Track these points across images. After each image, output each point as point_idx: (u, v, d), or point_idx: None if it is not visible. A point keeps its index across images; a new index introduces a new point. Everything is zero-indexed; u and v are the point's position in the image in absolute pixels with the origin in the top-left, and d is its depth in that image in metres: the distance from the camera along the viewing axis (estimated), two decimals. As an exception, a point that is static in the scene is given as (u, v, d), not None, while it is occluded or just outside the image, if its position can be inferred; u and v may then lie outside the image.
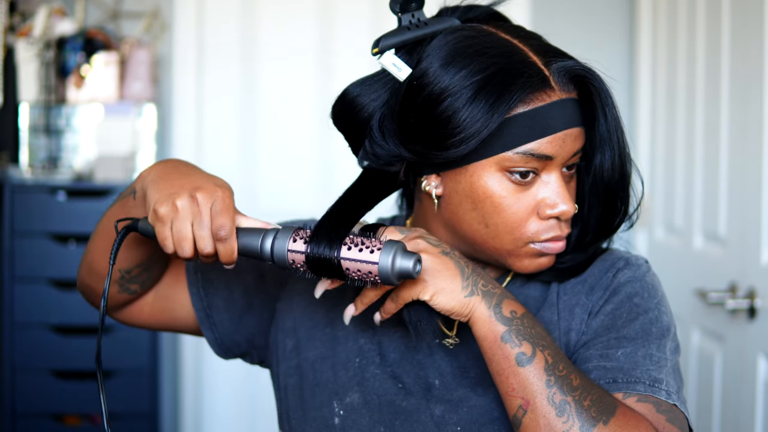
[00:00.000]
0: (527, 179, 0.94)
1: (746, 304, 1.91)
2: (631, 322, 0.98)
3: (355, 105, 1.00)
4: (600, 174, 0.99)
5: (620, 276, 1.02)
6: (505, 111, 0.90)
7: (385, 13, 2.95)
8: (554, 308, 1.03)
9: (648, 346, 0.97)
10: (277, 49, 3.03)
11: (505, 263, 0.99)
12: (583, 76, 0.94)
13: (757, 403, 1.86)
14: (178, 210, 0.89)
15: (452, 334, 1.04)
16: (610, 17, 2.97)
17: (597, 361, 0.96)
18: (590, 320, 1.00)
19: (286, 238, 0.91)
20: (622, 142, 0.98)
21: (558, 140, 0.93)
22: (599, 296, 1.01)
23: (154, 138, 2.90)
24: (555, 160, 0.94)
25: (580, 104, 0.96)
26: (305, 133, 3.03)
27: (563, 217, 0.95)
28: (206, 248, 0.89)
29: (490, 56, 0.92)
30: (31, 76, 2.85)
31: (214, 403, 3.08)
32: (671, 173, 2.42)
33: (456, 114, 0.91)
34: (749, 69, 1.96)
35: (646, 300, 1.00)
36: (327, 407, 1.04)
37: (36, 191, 2.68)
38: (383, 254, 0.87)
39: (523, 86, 0.91)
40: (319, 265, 0.90)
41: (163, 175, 0.95)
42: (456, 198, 0.97)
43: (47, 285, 2.66)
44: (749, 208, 1.94)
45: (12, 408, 2.67)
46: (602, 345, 0.97)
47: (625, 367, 0.95)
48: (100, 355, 0.92)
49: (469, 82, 0.91)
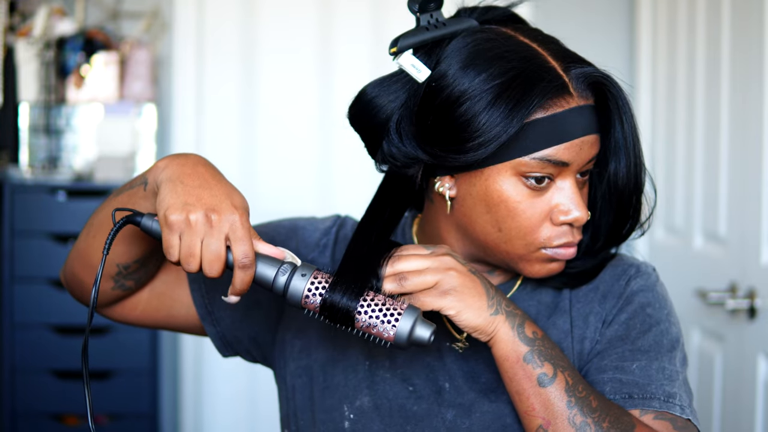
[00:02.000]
0: (542, 185, 0.94)
1: (746, 304, 1.91)
2: (644, 333, 0.99)
3: (373, 106, 0.98)
4: (614, 181, 0.99)
5: (633, 284, 1.02)
6: (524, 116, 0.90)
7: (385, 12, 2.95)
8: (567, 315, 1.03)
9: (660, 358, 0.98)
10: (277, 49, 3.03)
11: (516, 267, 0.99)
12: (601, 83, 0.94)
13: (757, 403, 1.86)
14: (191, 224, 0.87)
15: (462, 338, 1.03)
16: (610, 17, 2.97)
17: (612, 373, 0.97)
18: (604, 329, 1.00)
19: (305, 279, 0.89)
20: (638, 150, 0.98)
21: (575, 147, 0.93)
22: (612, 304, 1.02)
23: (154, 138, 2.90)
24: (570, 167, 0.94)
25: (597, 111, 0.96)
26: (305, 133, 3.03)
27: (576, 223, 0.95)
28: (211, 272, 0.87)
29: (510, 60, 0.92)
30: (31, 76, 2.85)
31: (214, 403, 3.08)
32: (671, 173, 2.42)
33: (475, 118, 0.91)
34: (749, 69, 1.96)
35: (658, 311, 1.01)
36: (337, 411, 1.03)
37: (36, 191, 2.68)
38: (403, 322, 0.88)
39: (542, 92, 0.91)
40: (335, 314, 0.90)
41: (182, 177, 0.90)
42: (470, 201, 0.96)
43: (47, 285, 2.65)
44: (749, 208, 1.94)
45: (12, 408, 2.67)
46: (617, 356, 0.98)
47: (640, 382, 0.96)
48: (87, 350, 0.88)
49: (488, 86, 0.91)
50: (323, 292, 0.89)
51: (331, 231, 1.12)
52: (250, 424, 3.08)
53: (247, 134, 3.04)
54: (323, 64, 3.01)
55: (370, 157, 1.02)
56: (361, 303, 0.89)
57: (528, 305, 1.04)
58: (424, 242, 1.07)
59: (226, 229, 0.87)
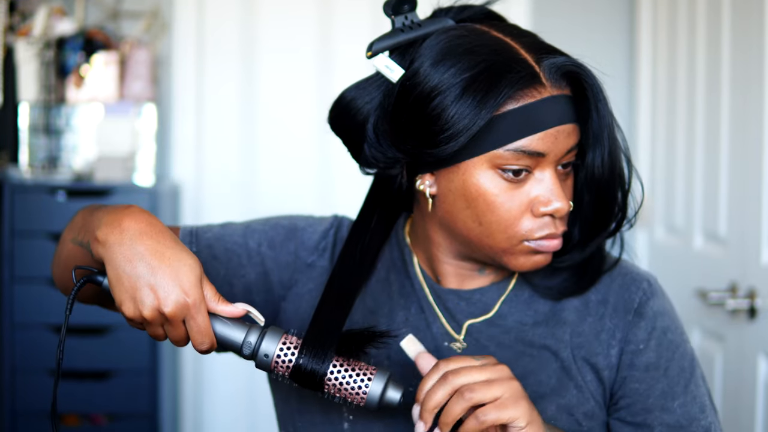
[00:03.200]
0: (520, 177, 0.93)
1: (746, 304, 1.91)
2: (670, 362, 1.02)
3: (351, 108, 0.99)
4: (591, 171, 0.98)
5: (652, 305, 1.03)
6: (493, 107, 0.90)
7: (385, 12, 2.95)
8: (567, 326, 1.02)
9: (689, 387, 1.02)
10: (277, 49, 3.03)
11: (501, 261, 0.98)
12: (574, 72, 0.93)
13: (757, 403, 1.86)
14: (147, 320, 0.87)
15: (460, 338, 1.03)
16: (610, 16, 2.97)
17: (659, 413, 1.01)
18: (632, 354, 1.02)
19: (274, 344, 0.90)
20: (613, 140, 0.97)
21: (550, 137, 0.92)
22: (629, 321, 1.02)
23: (154, 138, 2.90)
24: (548, 157, 0.93)
25: (575, 101, 0.95)
26: (305, 133, 3.03)
27: (557, 214, 0.95)
28: (177, 341, 0.89)
29: (480, 54, 0.92)
30: (30, 75, 2.85)
31: (214, 403, 3.08)
32: (671, 173, 2.42)
33: (445, 111, 0.91)
34: (749, 68, 1.95)
35: (677, 335, 1.03)
36: (335, 413, 1.03)
37: (36, 191, 2.68)
38: (374, 386, 0.89)
39: (511, 82, 0.90)
40: (304, 380, 0.90)
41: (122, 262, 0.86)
42: (450, 197, 0.96)
43: (47, 285, 2.65)
44: (749, 208, 1.93)
45: (12, 408, 2.67)
46: (660, 395, 1.01)
47: (683, 424, 1.00)
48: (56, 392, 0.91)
49: (458, 79, 0.91)
50: (292, 358, 0.90)
51: (329, 233, 1.11)
52: (250, 424, 3.08)
53: (247, 134, 3.04)
54: (323, 64, 3.01)
55: (354, 161, 1.03)
56: (330, 369, 0.89)
57: (525, 315, 1.04)
58: (415, 243, 1.07)
59: (181, 317, 0.87)
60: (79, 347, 2.65)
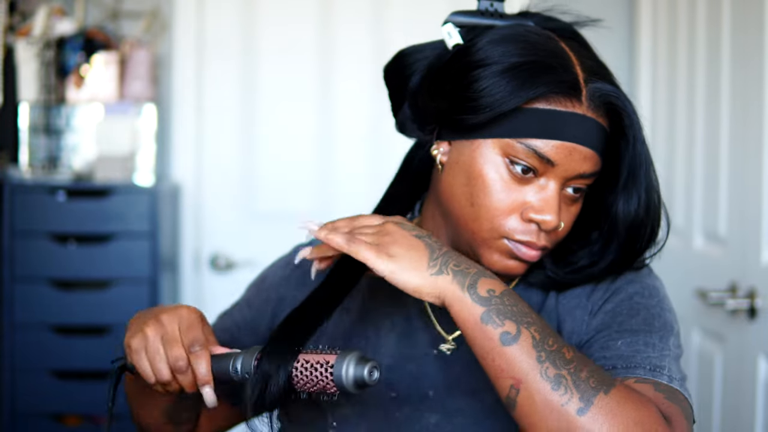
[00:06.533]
0: (526, 176, 0.94)
1: (746, 304, 1.91)
2: (631, 317, 0.96)
3: (404, 61, 1.05)
4: (615, 215, 0.98)
5: (621, 278, 1.01)
6: (524, 98, 0.91)
7: (385, 13, 2.95)
8: (554, 313, 1.01)
9: (650, 335, 0.94)
10: (277, 49, 3.03)
11: (478, 252, 0.97)
12: (615, 105, 0.94)
13: (757, 403, 1.86)
14: (147, 335, 0.94)
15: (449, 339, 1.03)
16: (610, 16, 2.97)
17: (597, 354, 0.94)
18: (590, 320, 0.98)
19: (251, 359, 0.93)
20: (649, 179, 0.97)
21: (565, 149, 0.93)
22: (599, 296, 1.00)
23: (154, 138, 2.90)
24: (556, 169, 0.93)
25: (609, 136, 0.96)
26: (305, 133, 3.03)
27: (544, 226, 0.94)
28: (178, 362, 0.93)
29: (536, 49, 0.94)
30: (30, 75, 2.85)
31: (214, 403, 3.08)
32: (671, 173, 2.42)
33: (480, 81, 0.93)
34: (750, 68, 1.96)
35: (647, 298, 0.99)
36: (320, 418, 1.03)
37: (36, 191, 2.68)
38: (336, 367, 0.88)
39: (551, 83, 0.92)
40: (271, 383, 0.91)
41: (132, 321, 1.00)
42: (455, 168, 0.97)
43: (47, 285, 2.65)
44: (749, 208, 1.93)
45: (12, 408, 2.67)
46: (603, 339, 0.95)
47: (625, 354, 0.92)
48: None
49: (505, 59, 0.93)
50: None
51: (290, 262, 1.16)
52: (250, 424, 3.08)
53: (247, 133, 3.04)
54: (323, 64, 3.01)
55: (393, 116, 1.09)
56: (294, 365, 0.90)
57: None
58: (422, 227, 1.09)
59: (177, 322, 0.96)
60: (79, 347, 2.65)
